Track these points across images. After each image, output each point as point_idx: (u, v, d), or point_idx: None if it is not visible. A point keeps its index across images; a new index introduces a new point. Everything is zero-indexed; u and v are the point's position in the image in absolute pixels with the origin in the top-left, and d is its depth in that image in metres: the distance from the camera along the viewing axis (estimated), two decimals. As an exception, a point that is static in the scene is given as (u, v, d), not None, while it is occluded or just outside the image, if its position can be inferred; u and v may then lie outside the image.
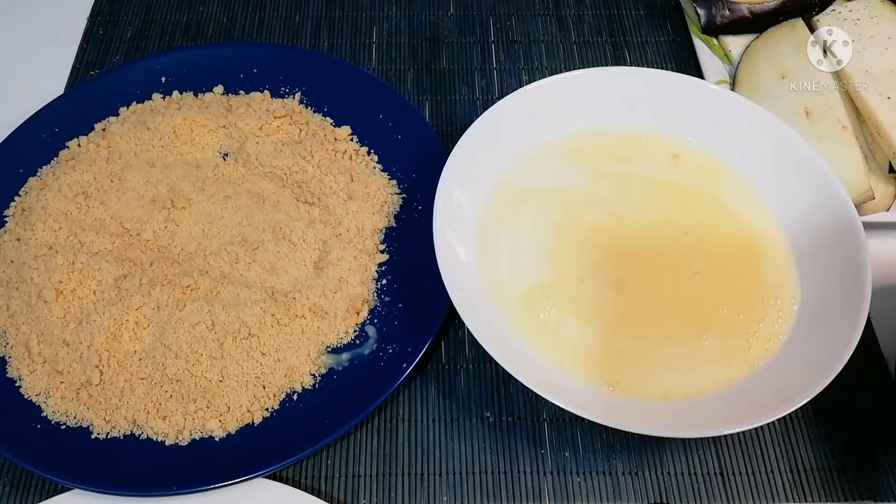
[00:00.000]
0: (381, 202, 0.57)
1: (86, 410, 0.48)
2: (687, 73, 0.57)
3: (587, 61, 0.70)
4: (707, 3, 0.66)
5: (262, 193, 0.57)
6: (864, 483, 0.48)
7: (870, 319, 0.53)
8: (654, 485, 0.48)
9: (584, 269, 0.50)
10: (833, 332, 0.45)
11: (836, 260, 0.48)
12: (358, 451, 0.50)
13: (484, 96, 0.67)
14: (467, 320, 0.45)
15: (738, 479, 0.48)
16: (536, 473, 0.49)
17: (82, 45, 0.71)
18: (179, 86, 0.64)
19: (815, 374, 0.43)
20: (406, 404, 0.51)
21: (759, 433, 0.50)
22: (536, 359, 0.47)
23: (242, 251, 0.54)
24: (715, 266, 0.51)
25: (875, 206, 0.56)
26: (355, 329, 0.52)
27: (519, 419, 0.51)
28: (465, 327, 0.53)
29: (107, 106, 0.63)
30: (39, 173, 0.59)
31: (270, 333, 0.50)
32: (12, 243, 0.55)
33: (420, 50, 0.70)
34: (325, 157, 0.58)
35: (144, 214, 0.56)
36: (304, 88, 0.64)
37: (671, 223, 0.53)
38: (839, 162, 0.55)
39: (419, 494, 0.48)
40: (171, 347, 0.49)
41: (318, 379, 0.50)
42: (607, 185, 0.55)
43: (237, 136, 0.60)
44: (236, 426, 0.48)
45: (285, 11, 0.73)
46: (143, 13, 0.73)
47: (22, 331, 0.51)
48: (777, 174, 0.53)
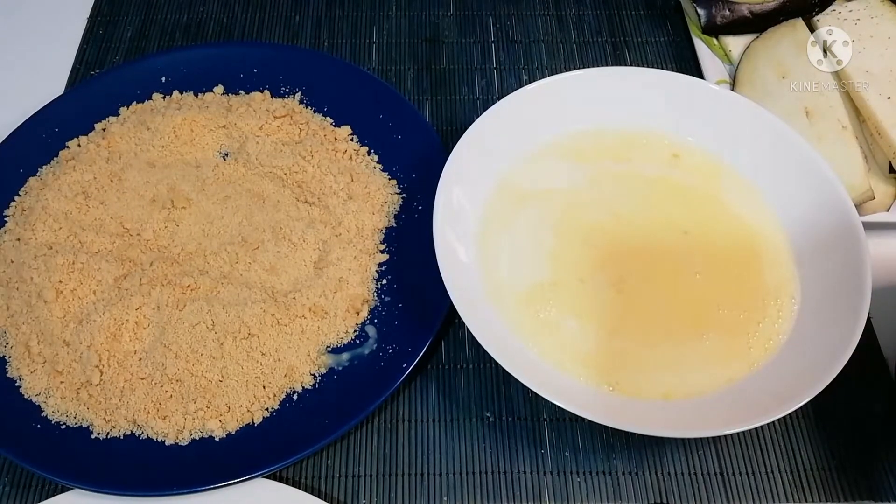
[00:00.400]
0: (381, 202, 0.57)
1: (86, 410, 0.48)
2: (687, 73, 0.57)
3: (587, 61, 0.70)
4: (707, 3, 0.66)
5: (263, 193, 0.57)
6: (864, 483, 0.48)
7: (870, 319, 0.53)
8: (654, 485, 0.48)
9: (584, 269, 0.50)
10: (833, 332, 0.45)
11: (836, 260, 0.48)
12: (358, 451, 0.50)
13: (484, 96, 0.67)
14: (467, 320, 0.45)
15: (738, 479, 0.48)
16: (536, 473, 0.49)
17: (82, 45, 0.71)
18: (179, 86, 0.64)
19: (815, 374, 0.43)
20: (406, 404, 0.51)
21: (759, 433, 0.50)
22: (536, 359, 0.47)
23: (242, 251, 0.54)
24: (715, 266, 0.51)
25: (875, 206, 0.56)
26: (355, 329, 0.52)
27: (519, 419, 0.51)
28: (465, 327, 0.53)
29: (107, 106, 0.63)
30: (39, 173, 0.59)
31: (270, 333, 0.50)
32: (12, 243, 0.55)
33: (420, 50, 0.70)
34: (326, 157, 0.58)
35: (144, 214, 0.56)
36: (305, 88, 0.64)
37: (671, 223, 0.53)
38: (839, 162, 0.55)
39: (419, 494, 0.48)
40: (171, 347, 0.49)
41: (318, 379, 0.50)
42: (607, 185, 0.55)
43: (237, 136, 0.60)
44: (236, 426, 0.48)
45: (285, 11, 0.73)
46: (143, 13, 0.73)
47: (22, 331, 0.51)
48: (777, 174, 0.53)
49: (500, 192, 0.54)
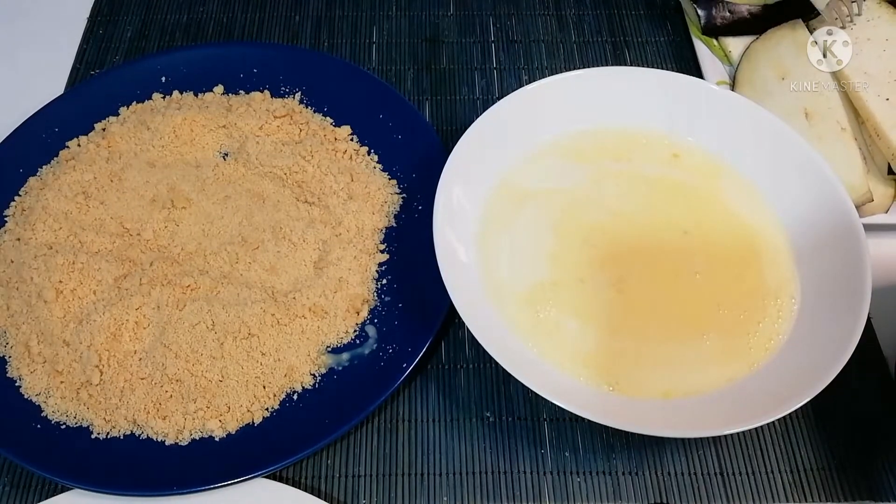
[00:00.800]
0: (381, 202, 0.57)
1: (86, 410, 0.48)
2: (687, 73, 0.57)
3: (587, 61, 0.70)
4: (707, 4, 0.66)
5: (263, 193, 0.57)
6: (864, 483, 0.48)
7: (870, 319, 0.53)
8: (654, 485, 0.48)
9: (584, 269, 0.51)
10: (833, 332, 0.45)
11: (836, 260, 0.48)
12: (358, 451, 0.50)
13: (484, 96, 0.67)
14: (467, 320, 0.45)
15: (738, 479, 0.48)
16: (536, 473, 0.49)
17: (82, 45, 0.71)
18: (179, 86, 0.64)
19: (815, 374, 0.43)
20: (406, 404, 0.51)
21: (759, 433, 0.50)
22: (536, 359, 0.47)
23: (242, 251, 0.54)
24: (715, 266, 0.51)
25: (874, 207, 0.56)
26: (355, 329, 0.52)
27: (519, 419, 0.51)
28: (465, 327, 0.53)
29: (107, 106, 0.63)
30: (39, 173, 0.59)
31: (270, 333, 0.50)
32: (12, 243, 0.55)
33: (420, 50, 0.70)
34: (326, 157, 0.58)
35: (144, 214, 0.56)
36: (305, 88, 0.64)
37: (671, 223, 0.53)
38: (838, 163, 0.55)
39: (419, 494, 0.48)
40: (171, 347, 0.49)
41: (318, 379, 0.50)
42: (607, 185, 0.55)
43: (237, 136, 0.60)
44: (236, 426, 0.48)
45: (285, 11, 0.73)
46: (143, 13, 0.73)
47: (22, 331, 0.51)
48: (777, 174, 0.53)
49: (500, 192, 0.54)
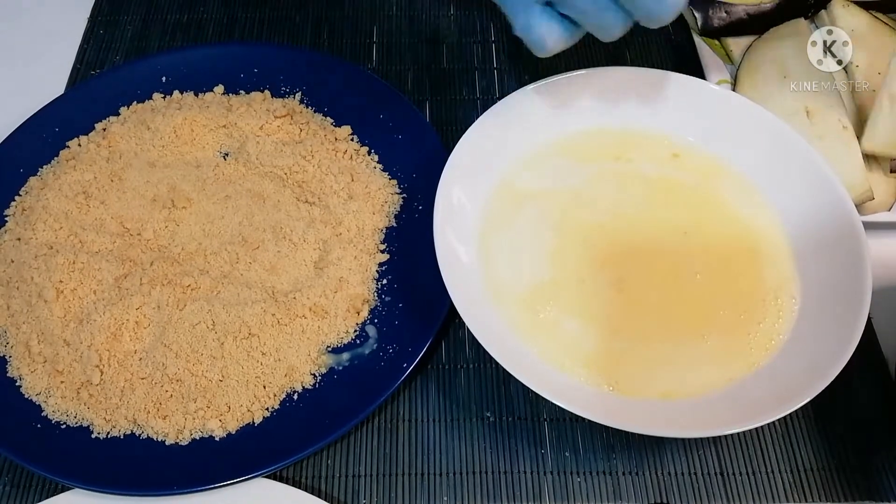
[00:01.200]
0: (381, 202, 0.57)
1: (86, 410, 0.48)
2: (687, 73, 0.57)
3: (587, 61, 0.69)
4: (703, 5, 0.65)
5: (263, 193, 0.57)
6: (864, 483, 0.48)
7: (870, 319, 0.53)
8: (654, 485, 0.48)
9: (585, 269, 0.51)
10: (833, 332, 0.45)
11: (837, 260, 0.48)
12: (358, 451, 0.50)
13: (484, 96, 0.67)
14: (467, 320, 0.45)
15: (738, 479, 0.48)
16: (537, 473, 0.49)
17: (82, 45, 0.71)
18: (180, 85, 0.64)
19: (815, 374, 0.43)
20: (406, 404, 0.51)
21: (759, 433, 0.50)
22: (536, 359, 0.47)
23: (243, 251, 0.54)
24: (715, 266, 0.51)
25: (875, 206, 0.56)
26: (355, 329, 0.52)
27: (519, 419, 0.51)
28: (465, 327, 0.53)
29: (107, 106, 0.63)
30: (40, 173, 0.59)
31: (271, 333, 0.50)
32: (12, 243, 0.55)
33: (420, 50, 0.70)
34: (326, 157, 0.58)
35: (145, 214, 0.56)
36: (305, 88, 0.64)
37: (671, 223, 0.53)
38: (839, 162, 0.55)
39: (419, 494, 0.48)
40: (171, 347, 0.49)
41: (319, 379, 0.50)
42: (607, 185, 0.55)
43: (237, 136, 0.60)
44: (236, 426, 0.48)
45: (285, 11, 0.73)
46: (143, 13, 0.73)
47: (22, 330, 0.51)
48: (777, 174, 0.53)
49: (500, 191, 0.54)
